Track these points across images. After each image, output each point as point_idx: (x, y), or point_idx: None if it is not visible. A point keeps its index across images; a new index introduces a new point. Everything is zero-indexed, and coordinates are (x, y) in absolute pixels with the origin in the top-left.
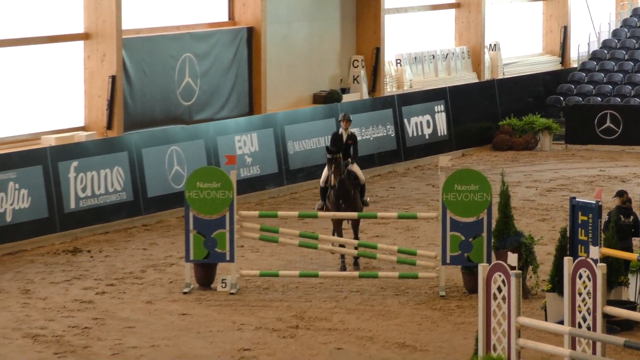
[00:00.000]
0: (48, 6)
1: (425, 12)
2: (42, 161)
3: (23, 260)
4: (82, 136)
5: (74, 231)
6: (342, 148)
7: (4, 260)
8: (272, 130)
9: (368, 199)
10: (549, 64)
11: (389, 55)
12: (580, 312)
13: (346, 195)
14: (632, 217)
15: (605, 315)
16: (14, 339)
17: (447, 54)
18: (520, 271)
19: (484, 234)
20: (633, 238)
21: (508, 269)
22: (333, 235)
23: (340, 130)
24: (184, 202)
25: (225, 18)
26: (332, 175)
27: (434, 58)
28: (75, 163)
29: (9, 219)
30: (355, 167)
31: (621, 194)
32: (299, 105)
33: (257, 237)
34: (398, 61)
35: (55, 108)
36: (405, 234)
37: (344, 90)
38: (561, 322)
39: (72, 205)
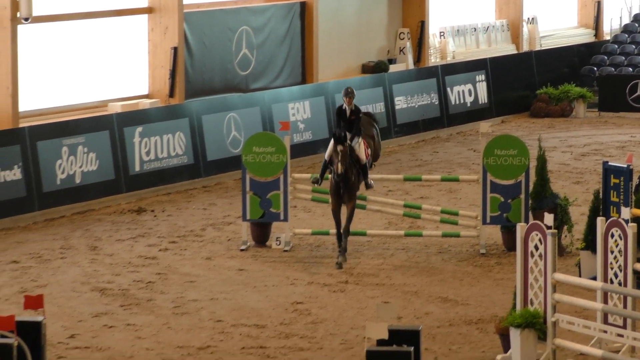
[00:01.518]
0: None
1: None
2: (109, 127)
3: (91, 219)
4: (146, 103)
5: (138, 192)
6: (346, 124)
7: (74, 219)
8: (323, 99)
9: (372, 182)
10: (584, 36)
11: (433, 28)
12: (612, 269)
13: (346, 181)
14: None
15: (636, 272)
16: (83, 292)
17: (488, 27)
18: (555, 230)
19: (522, 196)
20: None
21: (544, 228)
22: (336, 224)
23: (344, 105)
24: (241, 165)
25: None
26: (340, 164)
27: (475, 31)
28: (139, 128)
29: (78, 180)
30: (356, 147)
31: None
32: (348, 75)
33: (310, 198)
34: (442, 34)
35: (121, 77)
36: (448, 195)
37: (391, 61)
38: (594, 278)
39: (137, 168)
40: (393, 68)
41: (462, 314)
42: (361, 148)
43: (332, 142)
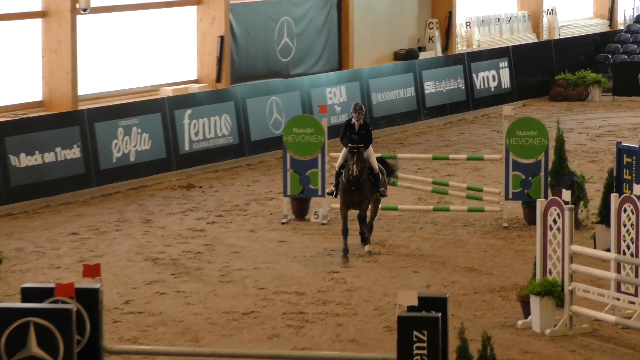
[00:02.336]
0: None
1: None
2: (161, 109)
3: (144, 194)
4: (195, 88)
5: (188, 169)
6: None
7: (128, 194)
8: (359, 84)
9: (384, 190)
10: (599, 26)
11: (460, 18)
12: (624, 241)
13: (359, 184)
14: None
15: None
16: (136, 261)
17: (511, 17)
18: (572, 206)
19: (542, 174)
20: None
21: (562, 203)
22: (343, 219)
23: (353, 120)
24: (282, 145)
25: None
26: (355, 166)
27: (499, 21)
28: (189, 111)
29: (132, 158)
30: (370, 156)
31: None
32: (381, 62)
33: None
34: (468, 23)
35: (172, 64)
36: (473, 173)
37: (421, 49)
38: (608, 250)
39: (187, 147)
40: (423, 55)
41: (486, 283)
42: (374, 158)
43: (343, 151)
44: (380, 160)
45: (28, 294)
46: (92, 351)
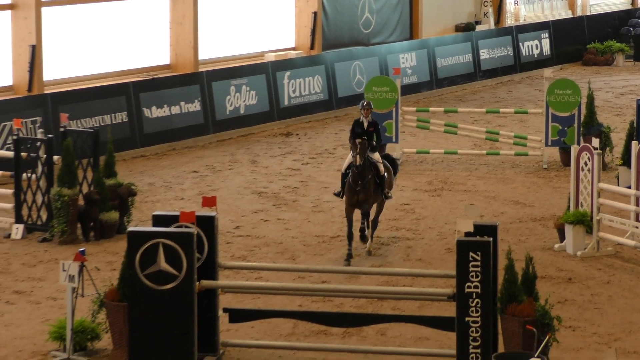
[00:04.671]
0: None
1: None
2: (265, 71)
3: (251, 140)
4: (293, 54)
5: (286, 120)
6: (364, 136)
7: (239, 140)
8: (426, 51)
9: (388, 192)
10: (623, 4)
11: None
12: None
13: (364, 180)
14: None
15: None
16: (245, 194)
17: None
18: (600, 151)
19: (575, 125)
20: None
21: (592, 149)
22: (348, 222)
23: (361, 118)
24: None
25: None
26: (358, 156)
27: (541, 0)
28: (288, 73)
29: (242, 111)
30: (376, 157)
31: None
32: (444, 33)
33: (415, 126)
34: (515, 1)
35: (274, 33)
36: (519, 124)
37: (477, 22)
38: (629, 187)
39: (286, 102)
40: (479, 28)
41: (529, 213)
42: (380, 160)
43: (349, 155)
44: (385, 156)
45: (158, 220)
46: (209, 267)
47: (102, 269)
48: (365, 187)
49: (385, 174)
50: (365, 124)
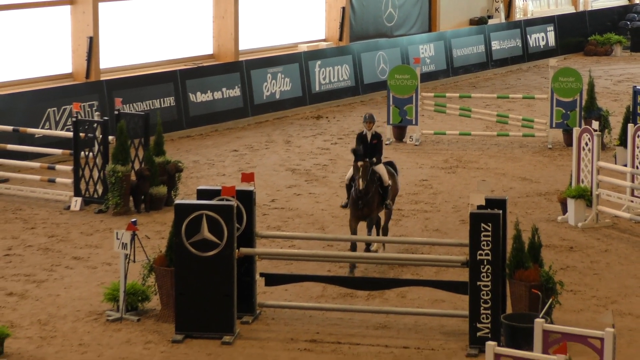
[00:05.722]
0: None
1: None
2: (298, 60)
3: (286, 122)
4: (323, 45)
5: (317, 104)
6: (367, 149)
7: (274, 122)
8: (443, 42)
9: (390, 203)
10: (620, 0)
11: None
12: (637, 159)
13: (367, 197)
14: None
15: None
16: (280, 171)
17: None
18: (599, 132)
19: (577, 109)
20: None
21: (592, 131)
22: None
23: (365, 131)
24: (387, 87)
25: None
26: (361, 180)
27: None
28: (319, 62)
29: (277, 96)
30: (380, 168)
31: None
32: (460, 26)
33: (433, 110)
34: None
35: (306, 26)
36: (527, 108)
37: (489, 17)
38: (625, 165)
39: (317, 88)
40: (491, 21)
41: (535, 189)
42: (384, 170)
43: (351, 168)
44: (388, 162)
45: (202, 194)
46: (248, 236)
47: (151, 237)
48: (369, 202)
49: (390, 182)
50: (369, 137)
